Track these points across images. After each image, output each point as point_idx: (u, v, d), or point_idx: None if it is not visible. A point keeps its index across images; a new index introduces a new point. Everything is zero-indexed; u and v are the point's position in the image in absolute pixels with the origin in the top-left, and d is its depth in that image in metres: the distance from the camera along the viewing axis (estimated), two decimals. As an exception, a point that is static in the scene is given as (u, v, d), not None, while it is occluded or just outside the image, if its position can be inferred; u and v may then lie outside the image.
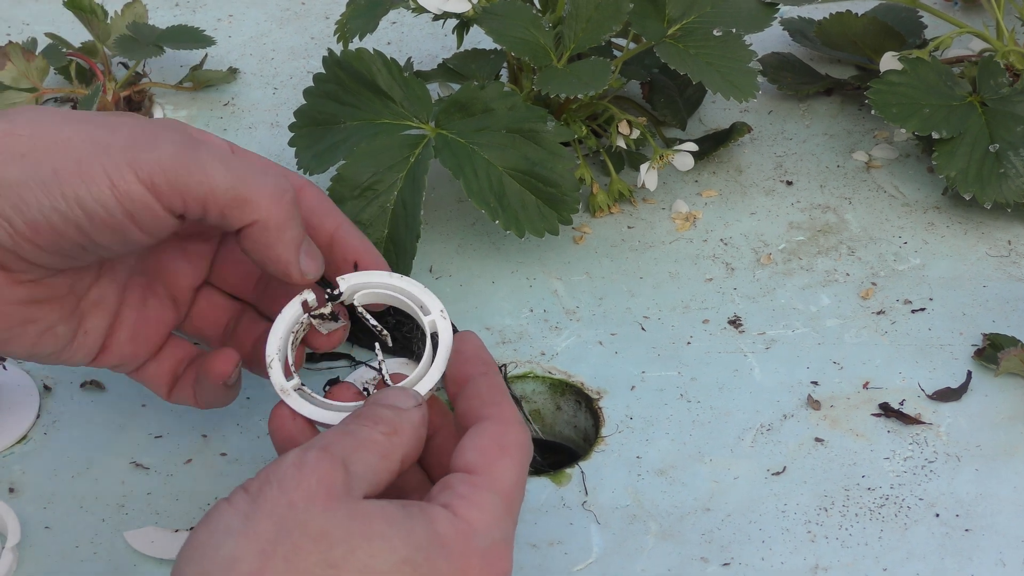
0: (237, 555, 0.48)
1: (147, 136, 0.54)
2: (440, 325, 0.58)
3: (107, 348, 0.61)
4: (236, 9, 1.03)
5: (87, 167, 0.53)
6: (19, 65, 0.88)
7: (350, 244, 0.61)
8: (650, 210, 0.83)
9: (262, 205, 0.56)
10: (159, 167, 0.53)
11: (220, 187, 0.54)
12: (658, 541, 0.63)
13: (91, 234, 0.54)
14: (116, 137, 0.53)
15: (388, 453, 0.52)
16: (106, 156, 0.53)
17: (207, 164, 0.54)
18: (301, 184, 0.62)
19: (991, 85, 0.82)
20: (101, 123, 0.55)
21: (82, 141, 0.53)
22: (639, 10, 0.80)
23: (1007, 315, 0.75)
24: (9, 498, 0.65)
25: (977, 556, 0.62)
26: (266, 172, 0.56)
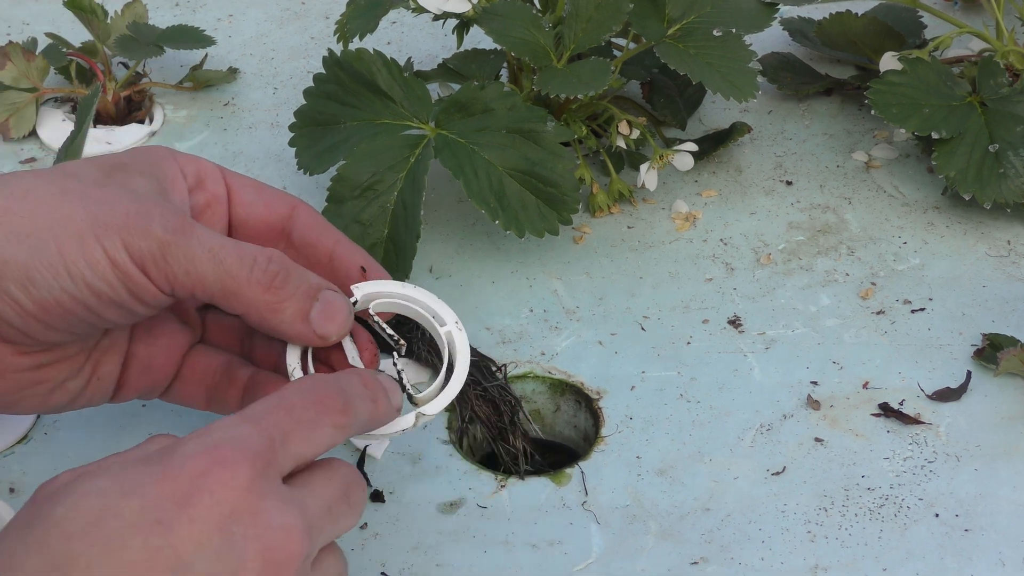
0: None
1: (140, 217, 0.54)
2: (456, 337, 0.58)
3: (123, 386, 0.60)
4: (236, 9, 1.03)
5: (89, 248, 0.53)
6: (19, 65, 0.88)
7: (352, 256, 0.61)
8: (650, 210, 0.83)
9: (251, 297, 0.55)
10: (149, 255, 0.53)
11: (207, 280, 0.55)
12: (658, 541, 0.63)
13: (99, 311, 0.54)
14: (113, 216, 0.53)
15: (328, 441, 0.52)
16: (105, 237, 0.53)
17: (194, 255, 0.54)
18: (294, 204, 0.61)
19: (991, 85, 0.82)
20: (100, 197, 0.54)
21: (82, 219, 0.53)
22: (639, 10, 0.80)
23: (1007, 315, 0.75)
24: (9, 498, 0.65)
25: (977, 556, 0.62)
26: (255, 259, 0.55)
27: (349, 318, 0.58)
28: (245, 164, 0.87)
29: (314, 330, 0.57)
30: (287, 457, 0.50)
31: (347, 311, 0.58)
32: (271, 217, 0.61)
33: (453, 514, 0.64)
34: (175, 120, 0.91)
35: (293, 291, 0.56)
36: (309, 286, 0.57)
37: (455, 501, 0.65)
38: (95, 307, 0.54)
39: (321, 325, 0.57)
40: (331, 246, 0.61)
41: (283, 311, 0.56)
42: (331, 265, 0.61)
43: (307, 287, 0.57)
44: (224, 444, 0.48)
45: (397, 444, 0.67)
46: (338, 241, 0.61)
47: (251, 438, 0.49)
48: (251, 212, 0.61)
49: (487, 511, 0.64)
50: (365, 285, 0.60)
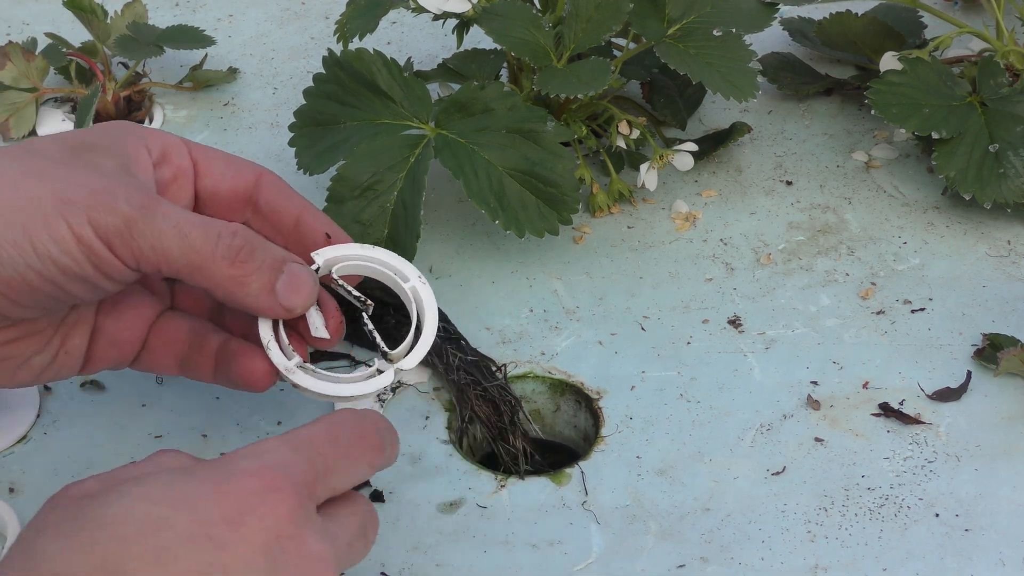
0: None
1: (106, 195, 0.54)
2: (421, 291, 0.58)
3: (91, 359, 0.61)
4: (236, 9, 1.03)
5: (54, 225, 0.53)
6: (19, 65, 0.88)
7: (317, 223, 0.61)
8: (650, 210, 0.83)
9: (216, 271, 0.56)
10: (114, 230, 0.54)
11: (172, 254, 0.55)
12: (658, 541, 0.63)
13: (65, 287, 0.54)
14: (77, 192, 0.54)
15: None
16: (70, 213, 0.53)
17: (159, 230, 0.55)
18: (259, 172, 0.62)
19: (991, 85, 0.82)
20: (65, 176, 0.54)
21: (46, 197, 0.53)
22: (639, 10, 0.80)
23: (1007, 315, 0.75)
24: (9, 498, 0.65)
25: (977, 556, 0.62)
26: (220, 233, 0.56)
27: (314, 289, 0.58)
28: (245, 164, 0.87)
29: (280, 302, 0.57)
30: (326, 489, 0.51)
31: (312, 283, 0.58)
32: (238, 187, 0.61)
33: (453, 514, 0.64)
34: (175, 120, 0.91)
35: (258, 264, 0.57)
36: (274, 259, 0.57)
37: (455, 501, 0.65)
38: (61, 283, 0.54)
39: (287, 297, 0.57)
40: (297, 213, 0.61)
41: (248, 284, 0.57)
42: (297, 232, 0.61)
43: (272, 260, 0.57)
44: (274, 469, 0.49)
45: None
46: (304, 208, 0.62)
47: (298, 466, 0.50)
48: (218, 183, 0.61)
49: (487, 511, 0.64)
50: (325, 250, 0.60)
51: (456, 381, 0.69)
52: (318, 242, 0.61)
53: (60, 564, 0.46)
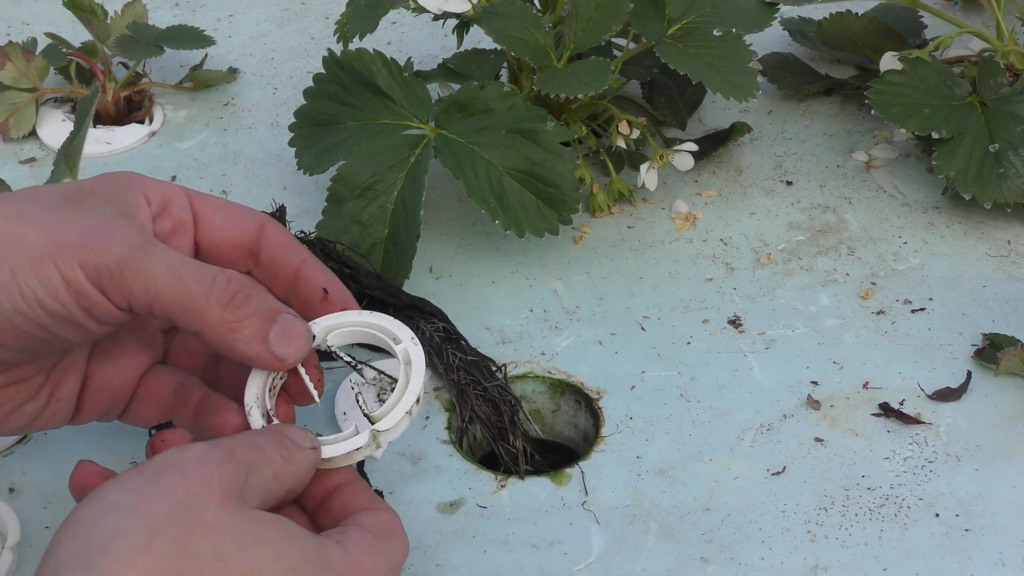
0: (122, 529, 0.48)
1: (99, 235, 0.54)
2: (412, 352, 0.58)
3: (81, 408, 0.60)
4: (236, 9, 1.03)
5: (43, 268, 0.53)
6: (19, 65, 0.88)
7: (316, 277, 0.60)
8: (650, 210, 0.83)
9: (209, 315, 0.55)
10: (106, 271, 0.53)
11: (165, 296, 0.54)
12: (658, 541, 0.63)
13: (53, 330, 0.54)
14: (70, 235, 0.53)
15: (281, 476, 0.53)
16: (60, 256, 0.53)
17: (153, 271, 0.54)
18: (262, 223, 0.61)
19: (991, 85, 0.82)
20: (58, 220, 0.54)
21: (38, 240, 0.53)
22: (639, 10, 0.80)
23: (1007, 315, 0.75)
24: (9, 498, 0.65)
25: (977, 556, 0.62)
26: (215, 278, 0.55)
27: (308, 342, 0.57)
28: (245, 164, 0.87)
29: (272, 351, 0.56)
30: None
31: (306, 335, 0.57)
32: (239, 239, 0.60)
33: (453, 514, 0.64)
34: (175, 120, 0.91)
35: (252, 311, 0.55)
36: (269, 308, 0.56)
37: (455, 501, 0.65)
38: (49, 326, 0.54)
39: (279, 347, 0.56)
40: (297, 266, 0.60)
41: (241, 331, 0.55)
42: (296, 285, 0.60)
43: (267, 309, 0.56)
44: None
45: (397, 444, 0.67)
46: (304, 261, 0.61)
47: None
48: (218, 235, 0.60)
49: (487, 511, 0.64)
50: (322, 320, 0.60)
51: (456, 381, 0.69)
52: (314, 296, 0.60)
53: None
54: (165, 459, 0.51)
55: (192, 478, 0.50)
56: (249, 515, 0.50)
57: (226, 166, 0.87)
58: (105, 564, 0.47)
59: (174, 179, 0.85)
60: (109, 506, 0.49)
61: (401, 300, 0.72)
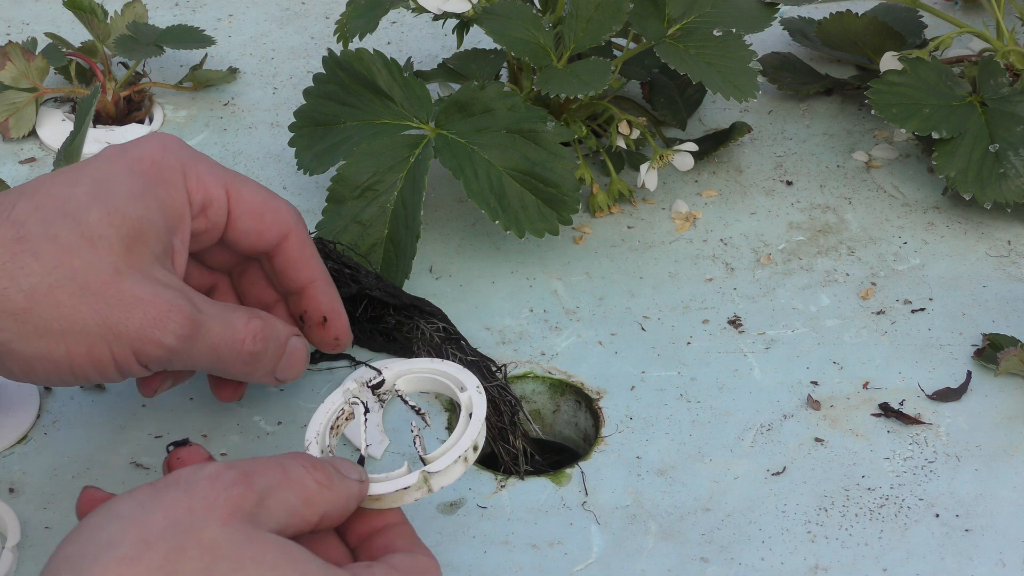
0: (116, 540, 0.48)
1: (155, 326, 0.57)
2: (475, 400, 0.59)
3: None
4: (236, 9, 1.03)
5: (97, 352, 0.57)
6: (19, 65, 0.88)
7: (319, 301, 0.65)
8: (650, 210, 0.83)
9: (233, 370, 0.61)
10: (156, 360, 0.58)
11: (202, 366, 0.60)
12: (658, 541, 0.63)
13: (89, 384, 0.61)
14: (129, 320, 0.57)
15: (311, 501, 0.53)
16: (116, 343, 0.57)
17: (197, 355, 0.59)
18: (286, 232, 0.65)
19: (991, 85, 0.82)
20: (116, 301, 0.57)
21: (96, 324, 0.56)
22: (639, 10, 0.80)
23: (1007, 315, 0.75)
24: (9, 498, 0.65)
25: (977, 556, 0.62)
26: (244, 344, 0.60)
27: (306, 363, 0.64)
28: (245, 164, 0.87)
29: (276, 378, 0.63)
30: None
31: (306, 358, 0.64)
32: (257, 246, 0.64)
33: (453, 514, 0.64)
34: (175, 120, 0.91)
35: (269, 358, 0.62)
36: (279, 345, 0.63)
37: (455, 501, 0.65)
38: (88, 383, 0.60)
39: (282, 374, 0.64)
40: (304, 285, 0.65)
41: (255, 374, 0.62)
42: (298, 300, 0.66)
43: (277, 347, 0.62)
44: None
45: (397, 445, 0.67)
46: (313, 283, 0.65)
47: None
48: (241, 239, 0.64)
49: (487, 511, 0.64)
50: (394, 363, 0.62)
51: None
52: (314, 320, 0.66)
53: None
54: (177, 475, 0.52)
55: (197, 496, 0.50)
56: (254, 536, 0.50)
57: (226, 166, 0.86)
58: (93, 571, 0.47)
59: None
60: (113, 515, 0.50)
61: (401, 300, 0.72)
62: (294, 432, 0.68)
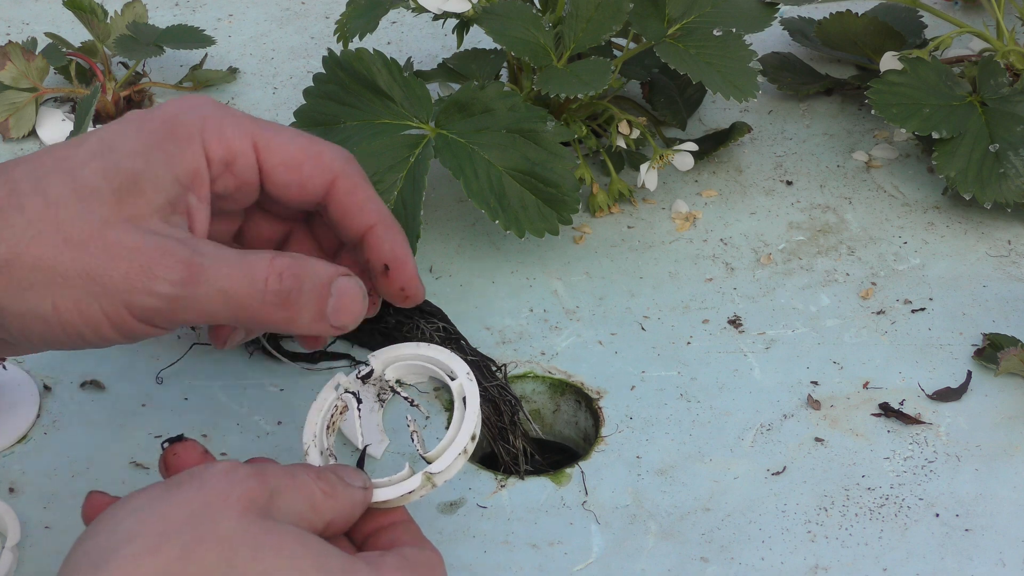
0: (135, 533, 0.49)
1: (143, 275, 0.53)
2: (467, 388, 0.59)
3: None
4: (236, 9, 1.03)
5: (86, 307, 0.53)
6: (19, 65, 0.88)
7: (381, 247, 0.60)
8: (650, 210, 0.83)
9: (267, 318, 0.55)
10: (154, 310, 0.54)
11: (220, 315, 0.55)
12: (658, 541, 0.63)
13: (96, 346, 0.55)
14: (113, 273, 0.53)
15: (317, 507, 0.53)
16: (103, 296, 0.53)
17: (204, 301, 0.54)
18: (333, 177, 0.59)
19: (991, 85, 0.82)
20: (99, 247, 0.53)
21: (78, 275, 0.53)
22: (639, 10, 0.80)
23: (1007, 315, 0.75)
24: (9, 498, 0.65)
25: (977, 556, 0.62)
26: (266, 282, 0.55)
27: (364, 303, 0.57)
28: (245, 164, 0.87)
29: (331, 324, 0.56)
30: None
31: (362, 297, 0.57)
32: (304, 198, 0.59)
33: (453, 514, 0.64)
34: (175, 120, 0.91)
35: (307, 298, 0.55)
36: (321, 284, 0.56)
37: (455, 501, 0.65)
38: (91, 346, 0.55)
39: (337, 319, 0.56)
40: (363, 231, 0.59)
41: (299, 319, 0.56)
42: (359, 250, 0.60)
43: (320, 286, 0.56)
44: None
45: (397, 445, 0.67)
46: (371, 228, 0.59)
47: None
48: (283, 193, 0.59)
49: (487, 511, 0.64)
50: (380, 352, 0.61)
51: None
52: (376, 269, 0.60)
53: None
54: (190, 472, 0.52)
55: (212, 490, 0.50)
56: (270, 527, 0.50)
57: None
58: (113, 564, 0.48)
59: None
60: (129, 510, 0.50)
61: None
62: (294, 432, 0.68)
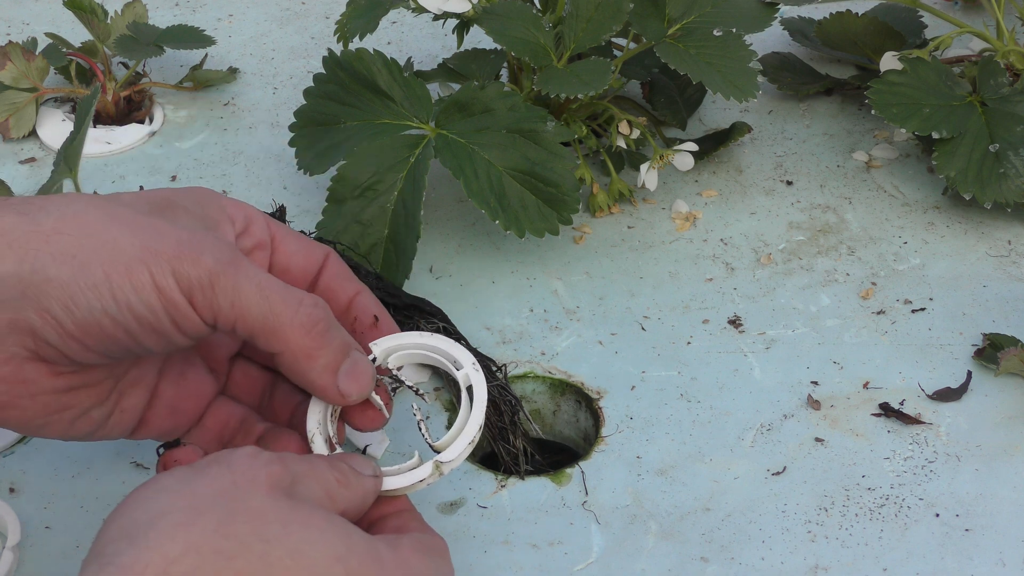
0: (167, 508, 0.49)
1: (192, 247, 0.54)
2: (474, 378, 0.59)
3: (145, 423, 0.60)
4: (236, 9, 1.03)
5: (136, 273, 0.53)
6: (19, 65, 0.88)
7: (369, 306, 0.62)
8: (650, 210, 0.83)
9: (291, 337, 0.56)
10: (198, 283, 0.54)
11: (251, 314, 0.55)
12: (658, 541, 0.63)
13: (138, 336, 0.54)
14: (164, 244, 0.54)
15: (332, 496, 0.54)
16: (154, 263, 0.53)
17: (242, 289, 0.54)
18: (327, 251, 0.62)
19: (991, 85, 0.82)
20: (150, 226, 0.54)
21: (130, 244, 0.53)
22: (639, 10, 0.80)
23: (1007, 315, 0.75)
24: (9, 498, 0.65)
25: (977, 556, 0.62)
26: (301, 301, 0.56)
27: (371, 383, 0.58)
28: (245, 164, 0.87)
29: (338, 386, 0.57)
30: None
31: (370, 377, 0.58)
32: (307, 267, 0.62)
33: (453, 514, 0.64)
34: (175, 120, 0.91)
35: (330, 342, 0.57)
36: (344, 342, 0.57)
37: (455, 501, 0.65)
38: (135, 332, 0.54)
39: (346, 383, 0.57)
40: (352, 295, 0.62)
41: (317, 359, 0.56)
42: (348, 312, 0.62)
43: (342, 342, 0.57)
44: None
45: (397, 445, 0.67)
46: (359, 292, 0.62)
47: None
48: (291, 260, 0.61)
49: (487, 511, 0.64)
50: (383, 340, 0.61)
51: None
52: (366, 323, 0.62)
53: None
54: (216, 456, 0.52)
55: (239, 471, 0.51)
56: (297, 505, 0.51)
57: (226, 166, 0.87)
58: (148, 537, 0.48)
59: (174, 179, 0.85)
60: (160, 489, 0.50)
61: (401, 300, 0.72)
62: (294, 432, 0.68)
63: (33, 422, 0.57)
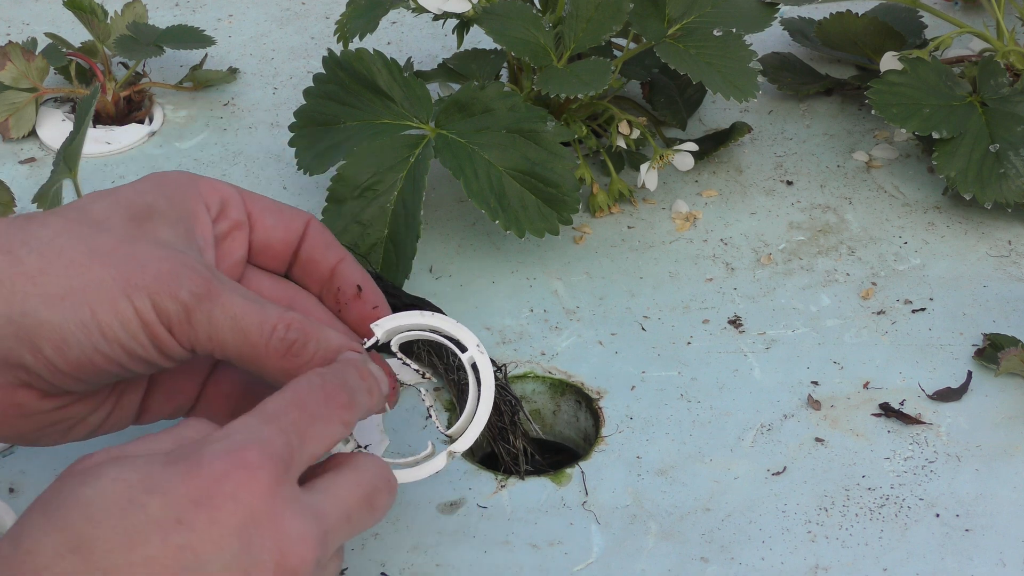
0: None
1: (170, 279, 0.55)
2: (479, 361, 0.59)
3: (146, 410, 0.61)
4: (236, 9, 1.03)
5: (121, 308, 0.54)
6: (19, 65, 0.88)
7: (351, 275, 0.62)
8: (650, 210, 0.83)
9: (268, 364, 0.56)
10: (176, 317, 0.55)
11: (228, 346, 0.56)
12: (658, 541, 0.63)
13: (127, 365, 0.55)
14: (144, 276, 0.55)
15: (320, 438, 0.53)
16: (136, 297, 0.54)
17: (216, 322, 0.55)
18: (307, 219, 0.63)
19: (991, 85, 0.82)
20: (130, 256, 0.55)
21: (114, 280, 0.54)
22: (639, 10, 0.80)
23: (1007, 315, 0.75)
24: (9, 498, 0.65)
25: (977, 556, 0.62)
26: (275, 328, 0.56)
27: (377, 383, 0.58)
28: (245, 164, 0.87)
29: None
30: (303, 458, 0.51)
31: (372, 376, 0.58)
32: (287, 239, 0.63)
33: (453, 514, 0.64)
34: (175, 120, 0.91)
35: (309, 358, 0.57)
36: (327, 350, 0.57)
37: (455, 501, 0.65)
38: (125, 362, 0.55)
39: None
40: (333, 264, 0.63)
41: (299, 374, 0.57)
42: (330, 282, 0.63)
43: (325, 352, 0.57)
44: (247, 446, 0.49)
45: (397, 445, 0.67)
46: (341, 260, 0.63)
47: (272, 441, 0.50)
48: (270, 235, 0.62)
49: (487, 511, 0.64)
50: (384, 321, 0.61)
51: (456, 381, 0.69)
52: (349, 293, 0.62)
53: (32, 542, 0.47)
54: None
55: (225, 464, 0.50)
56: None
57: (226, 166, 0.87)
58: None
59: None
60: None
61: (401, 300, 0.72)
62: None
63: (28, 436, 0.57)
